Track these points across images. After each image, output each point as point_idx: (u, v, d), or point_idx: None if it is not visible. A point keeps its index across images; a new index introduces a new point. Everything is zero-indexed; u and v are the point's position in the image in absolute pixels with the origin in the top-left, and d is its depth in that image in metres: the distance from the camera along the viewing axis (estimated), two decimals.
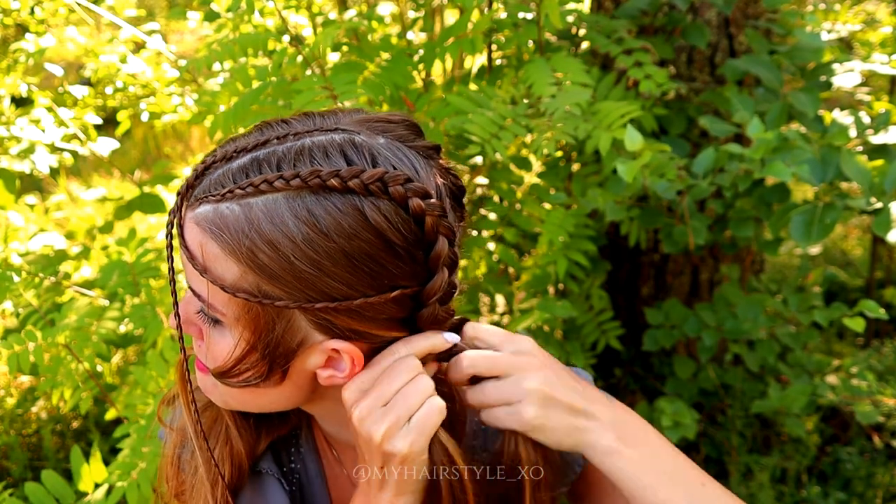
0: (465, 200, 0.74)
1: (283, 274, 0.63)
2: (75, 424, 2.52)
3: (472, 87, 1.77)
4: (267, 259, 0.62)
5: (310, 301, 0.64)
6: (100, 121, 2.42)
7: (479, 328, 0.73)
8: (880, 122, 1.59)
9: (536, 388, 0.70)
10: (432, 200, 0.64)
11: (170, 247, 0.69)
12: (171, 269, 0.69)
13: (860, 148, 1.58)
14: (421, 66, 1.67)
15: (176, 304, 0.70)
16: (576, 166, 1.85)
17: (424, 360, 0.71)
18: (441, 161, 0.72)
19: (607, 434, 0.71)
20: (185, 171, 2.85)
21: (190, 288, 0.69)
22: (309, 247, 0.62)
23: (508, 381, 0.71)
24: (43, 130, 2.23)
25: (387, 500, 0.70)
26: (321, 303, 0.64)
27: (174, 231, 0.68)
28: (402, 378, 0.67)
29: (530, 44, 1.73)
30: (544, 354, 0.73)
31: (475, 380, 0.72)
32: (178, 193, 0.67)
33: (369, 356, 0.70)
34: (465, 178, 1.86)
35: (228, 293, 0.64)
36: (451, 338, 0.72)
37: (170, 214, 0.67)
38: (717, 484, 0.73)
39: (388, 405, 0.67)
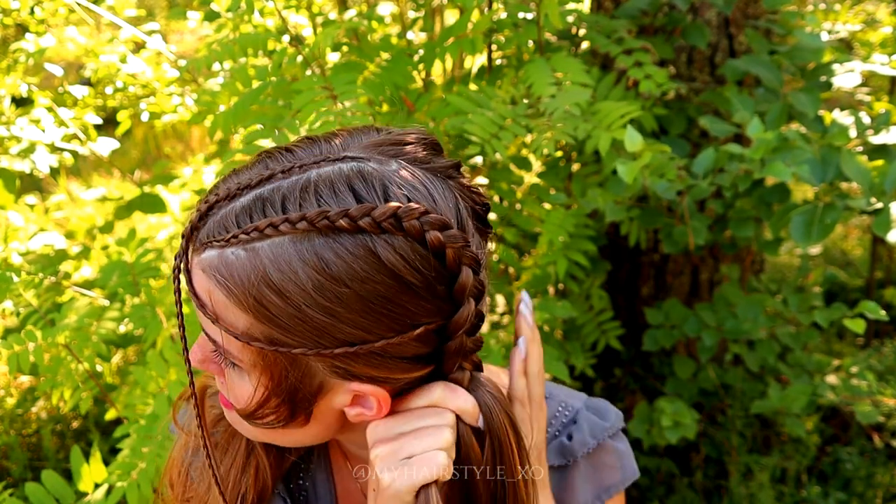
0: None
1: (294, 323, 0.59)
2: (75, 424, 2.52)
3: (472, 87, 1.77)
4: (276, 309, 0.59)
5: (326, 348, 0.60)
6: (100, 121, 2.41)
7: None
8: (880, 123, 1.59)
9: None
10: (452, 231, 0.60)
11: (178, 291, 0.65)
12: (181, 314, 0.67)
13: (860, 148, 1.58)
14: (421, 66, 1.67)
15: (186, 349, 0.68)
16: (576, 166, 1.85)
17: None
18: (462, 179, 0.68)
19: None
20: (185, 171, 2.85)
21: (205, 332, 0.66)
22: (320, 294, 0.58)
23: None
24: (43, 130, 2.23)
25: None
26: (339, 349, 0.60)
27: (181, 275, 0.65)
28: (428, 441, 0.65)
29: (530, 44, 1.73)
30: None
31: None
32: (183, 236, 0.64)
33: (400, 391, 0.68)
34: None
35: (242, 342, 0.61)
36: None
37: (176, 258, 0.64)
38: None
39: (409, 461, 0.64)
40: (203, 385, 0.82)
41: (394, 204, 0.59)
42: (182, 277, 0.64)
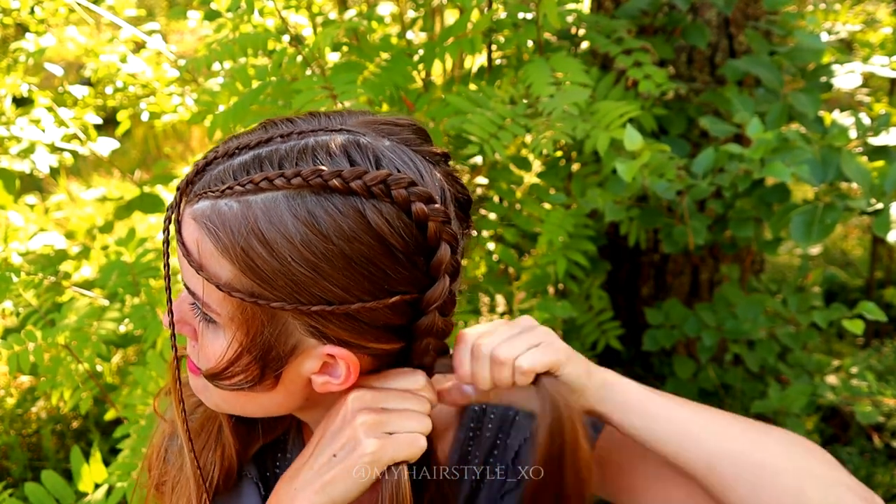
0: None
1: (277, 276, 0.61)
2: (75, 424, 2.52)
3: (472, 87, 1.77)
4: (261, 261, 0.61)
5: (304, 304, 0.62)
6: (100, 121, 2.42)
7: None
8: (880, 124, 1.59)
9: (546, 329, 0.72)
10: (436, 206, 0.63)
11: (166, 242, 0.68)
12: (167, 265, 0.68)
13: (860, 149, 1.58)
14: (421, 66, 1.67)
15: (170, 300, 0.69)
16: (575, 166, 1.85)
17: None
18: (448, 168, 0.71)
19: (596, 369, 0.73)
20: (185, 171, 2.85)
21: (185, 285, 0.67)
22: (307, 248, 0.60)
23: (524, 333, 0.72)
24: (43, 130, 2.23)
25: (312, 487, 0.67)
26: (316, 306, 0.62)
27: (171, 227, 0.67)
28: (413, 423, 0.68)
29: (530, 44, 1.73)
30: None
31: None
32: (178, 188, 0.66)
33: (370, 370, 0.70)
34: (465, 179, 1.86)
35: (223, 292, 0.63)
36: (469, 391, 0.74)
37: (168, 210, 0.66)
38: None
39: (393, 436, 0.67)
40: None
41: (384, 171, 0.62)
42: (172, 228, 0.66)
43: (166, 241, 0.67)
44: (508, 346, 0.71)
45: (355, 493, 0.67)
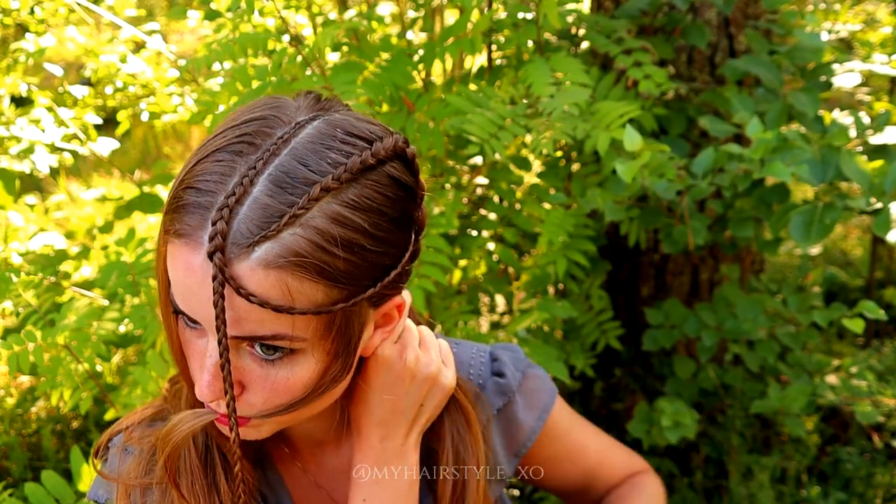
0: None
1: (361, 270, 0.64)
2: (75, 424, 2.52)
3: (472, 87, 1.77)
4: (347, 264, 0.63)
5: (384, 278, 0.67)
6: (100, 121, 2.41)
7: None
8: (880, 123, 1.59)
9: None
10: (412, 147, 0.69)
11: (222, 311, 0.60)
12: (225, 335, 0.61)
13: (860, 148, 1.58)
14: (421, 66, 1.67)
15: (228, 370, 0.62)
16: (575, 166, 1.85)
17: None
18: None
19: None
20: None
21: (251, 339, 0.63)
22: (376, 229, 0.64)
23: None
24: (43, 130, 2.23)
25: (411, 440, 0.81)
26: (392, 272, 0.68)
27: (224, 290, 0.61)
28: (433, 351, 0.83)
29: (530, 44, 1.73)
30: None
31: None
32: (211, 252, 0.59)
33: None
34: (465, 178, 1.86)
35: (322, 313, 0.63)
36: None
37: (215, 279, 0.59)
38: None
39: (435, 359, 0.82)
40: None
41: (389, 136, 0.67)
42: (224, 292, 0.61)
43: (222, 310, 0.60)
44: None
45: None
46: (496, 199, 1.89)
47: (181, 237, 0.62)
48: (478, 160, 1.83)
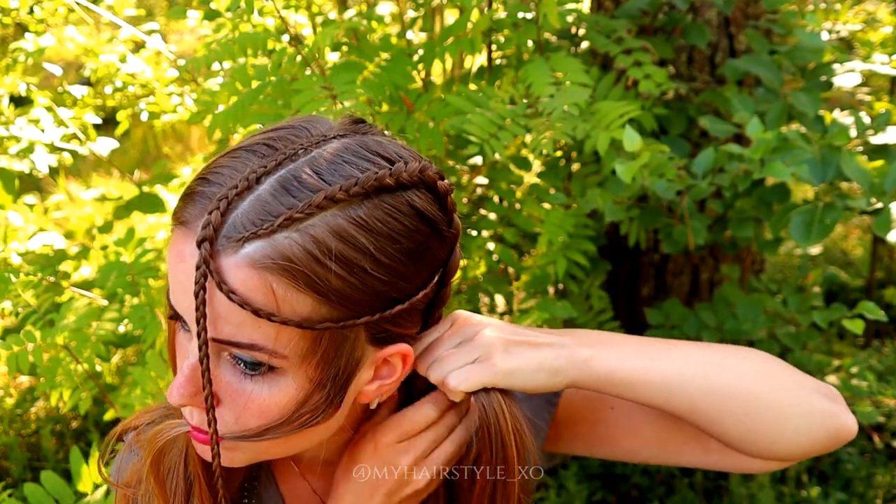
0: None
1: (358, 293, 0.59)
2: (74, 425, 2.52)
3: (472, 86, 1.77)
4: (342, 282, 0.58)
5: (384, 309, 0.62)
6: (99, 121, 2.41)
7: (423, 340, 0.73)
8: (881, 123, 1.58)
9: (494, 337, 0.70)
10: (447, 181, 0.65)
11: (202, 304, 0.57)
12: (205, 329, 0.58)
13: (860, 148, 1.58)
14: (420, 66, 1.67)
15: (208, 370, 0.59)
16: (575, 166, 1.84)
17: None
18: None
19: (579, 349, 0.71)
20: (184, 171, 2.84)
21: (227, 344, 0.60)
22: (381, 254, 0.60)
23: (464, 345, 0.71)
24: (42, 130, 2.23)
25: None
26: (395, 307, 0.62)
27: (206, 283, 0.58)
28: (451, 446, 0.73)
29: (530, 44, 1.73)
30: (479, 316, 0.75)
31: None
32: (200, 242, 0.57)
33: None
34: (465, 178, 1.86)
35: (306, 328, 0.58)
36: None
37: (199, 267, 0.57)
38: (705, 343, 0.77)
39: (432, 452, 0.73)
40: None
41: (416, 162, 0.63)
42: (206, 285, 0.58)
43: (202, 303, 0.57)
44: (441, 365, 0.70)
45: None
46: (496, 198, 1.89)
47: (181, 224, 0.60)
48: (478, 160, 1.83)
